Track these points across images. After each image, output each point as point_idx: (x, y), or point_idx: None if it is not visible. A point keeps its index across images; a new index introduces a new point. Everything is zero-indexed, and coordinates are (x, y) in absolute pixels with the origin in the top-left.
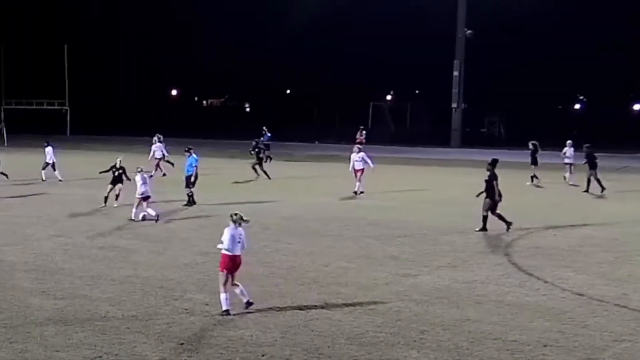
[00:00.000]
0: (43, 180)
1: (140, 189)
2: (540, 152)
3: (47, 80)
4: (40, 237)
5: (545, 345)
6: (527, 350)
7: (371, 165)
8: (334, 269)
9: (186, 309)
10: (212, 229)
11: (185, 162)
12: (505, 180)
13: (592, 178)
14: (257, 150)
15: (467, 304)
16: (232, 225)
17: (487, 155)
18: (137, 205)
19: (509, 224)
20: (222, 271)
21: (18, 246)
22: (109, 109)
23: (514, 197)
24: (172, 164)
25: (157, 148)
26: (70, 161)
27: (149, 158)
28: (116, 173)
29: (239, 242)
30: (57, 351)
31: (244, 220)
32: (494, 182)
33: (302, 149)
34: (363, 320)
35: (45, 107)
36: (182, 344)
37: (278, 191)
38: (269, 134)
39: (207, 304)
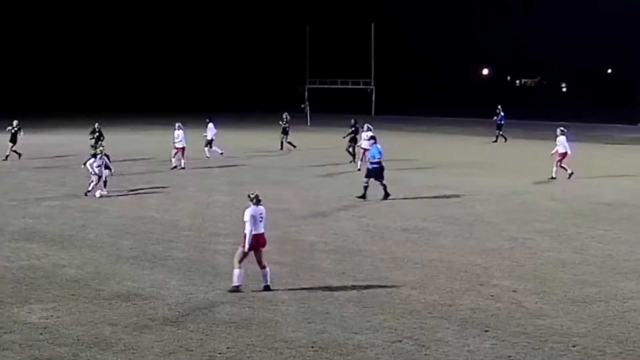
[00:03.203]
0: (207, 158)
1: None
2: None
3: (353, 60)
4: (341, 217)
5: None
6: None
7: (563, 151)
8: None
9: (492, 295)
10: (523, 214)
11: None
12: None
13: None
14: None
15: None
16: (251, 205)
17: None
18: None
19: None
20: (243, 248)
21: (319, 226)
22: (415, 88)
23: None
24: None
25: (365, 137)
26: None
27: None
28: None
29: (260, 220)
30: (356, 333)
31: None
32: None
33: (622, 132)
34: None
35: (349, 86)
36: (487, 330)
37: (593, 175)
38: (502, 114)
39: (514, 291)
